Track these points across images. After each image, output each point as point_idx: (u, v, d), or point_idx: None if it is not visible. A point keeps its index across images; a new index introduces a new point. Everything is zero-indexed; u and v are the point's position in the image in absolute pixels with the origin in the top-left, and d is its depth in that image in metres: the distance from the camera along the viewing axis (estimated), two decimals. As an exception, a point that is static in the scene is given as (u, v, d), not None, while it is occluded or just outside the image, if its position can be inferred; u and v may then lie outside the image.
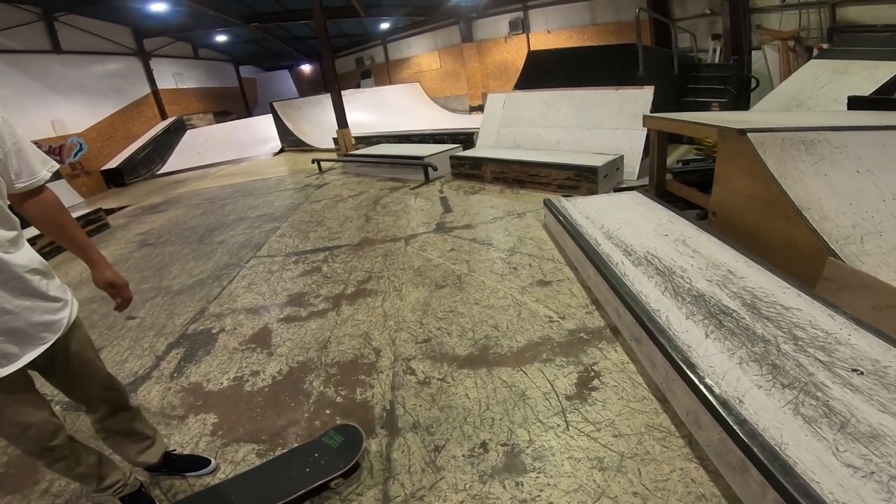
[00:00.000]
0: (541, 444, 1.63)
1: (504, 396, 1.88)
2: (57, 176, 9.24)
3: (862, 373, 1.48)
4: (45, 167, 1.32)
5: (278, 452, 1.75)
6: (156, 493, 1.67)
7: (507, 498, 1.45)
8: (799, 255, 2.22)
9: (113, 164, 10.72)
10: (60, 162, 9.63)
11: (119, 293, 1.50)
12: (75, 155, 10.02)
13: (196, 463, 1.73)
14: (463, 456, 1.63)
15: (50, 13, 9.82)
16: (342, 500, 1.52)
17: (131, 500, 1.56)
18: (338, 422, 1.86)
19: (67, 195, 9.11)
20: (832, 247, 2.08)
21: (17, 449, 1.35)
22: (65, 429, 1.36)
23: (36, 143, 9.05)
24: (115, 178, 10.49)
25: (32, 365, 1.24)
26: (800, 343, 1.63)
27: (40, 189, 1.33)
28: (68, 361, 1.35)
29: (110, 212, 7.04)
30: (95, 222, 5.92)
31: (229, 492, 1.57)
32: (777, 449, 1.24)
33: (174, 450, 1.76)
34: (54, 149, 9.56)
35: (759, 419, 1.34)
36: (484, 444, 1.66)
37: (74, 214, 5.66)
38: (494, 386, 1.95)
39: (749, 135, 2.54)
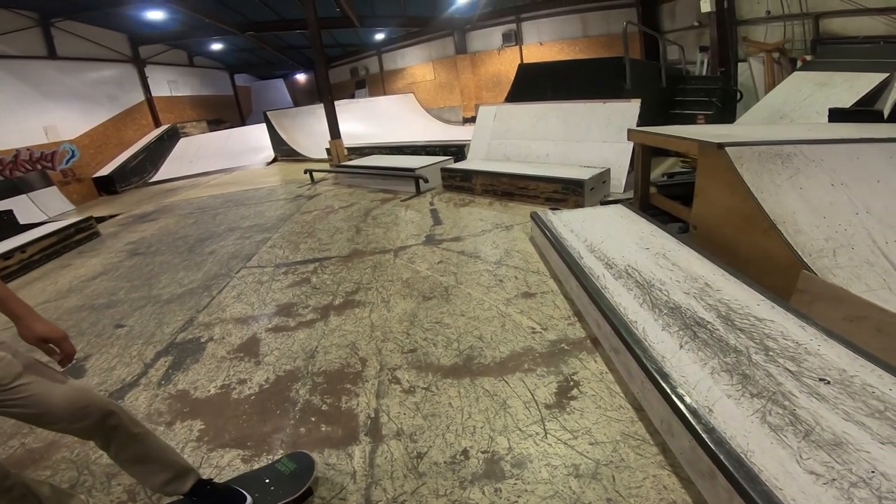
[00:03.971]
0: (520, 452, 1.66)
1: (486, 405, 1.92)
2: (48, 183, 9.22)
3: (829, 382, 1.53)
4: None
5: (263, 459, 1.78)
6: None
7: (485, 503, 1.48)
8: (774, 267, 2.29)
9: (105, 171, 10.70)
10: (52, 169, 9.61)
11: (58, 346, 1.30)
12: (67, 162, 10.00)
13: (233, 499, 1.51)
14: (444, 463, 1.66)
15: (47, 19, 9.86)
16: (324, 506, 1.55)
17: None
18: (323, 429, 1.89)
19: (58, 203, 9.08)
20: (805, 260, 2.15)
21: None
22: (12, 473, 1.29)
23: (28, 149, 9.11)
24: (107, 186, 10.47)
25: None
26: (770, 353, 1.69)
27: None
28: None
29: (101, 220, 7.03)
30: (86, 230, 5.91)
31: None
32: (743, 456, 1.28)
33: (211, 479, 1.55)
34: (46, 155, 9.55)
35: (728, 427, 1.38)
36: (465, 452, 1.69)
37: (65, 222, 5.69)
38: (477, 395, 1.99)
39: (727, 148, 2.61)
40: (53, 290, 4.15)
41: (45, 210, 8.53)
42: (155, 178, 11.52)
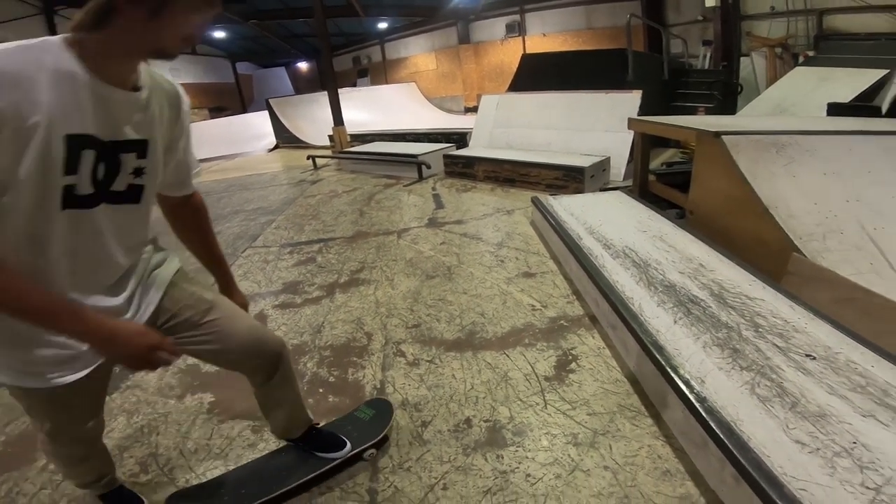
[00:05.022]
0: (521, 421, 1.74)
1: (488, 377, 2.00)
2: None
3: (814, 358, 1.61)
4: (197, 165, 1.21)
5: (261, 436, 1.81)
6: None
7: (488, 469, 1.55)
8: (767, 250, 2.36)
9: (107, 156, 10.71)
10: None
11: None
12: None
13: (334, 444, 1.59)
14: (448, 431, 1.73)
15: (50, 6, 9.80)
16: (333, 471, 1.62)
17: (114, 497, 1.44)
18: (330, 400, 1.96)
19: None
20: (796, 243, 2.22)
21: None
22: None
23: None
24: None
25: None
26: (760, 330, 1.76)
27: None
28: None
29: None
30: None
31: (273, 463, 1.61)
32: (733, 425, 1.35)
33: (318, 423, 1.63)
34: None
35: (718, 398, 1.46)
36: (468, 420, 1.77)
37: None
38: (479, 367, 2.07)
39: (724, 137, 2.68)
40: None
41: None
42: (158, 164, 11.53)
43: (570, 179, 4.48)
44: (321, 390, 2.05)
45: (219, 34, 14.97)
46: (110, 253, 0.99)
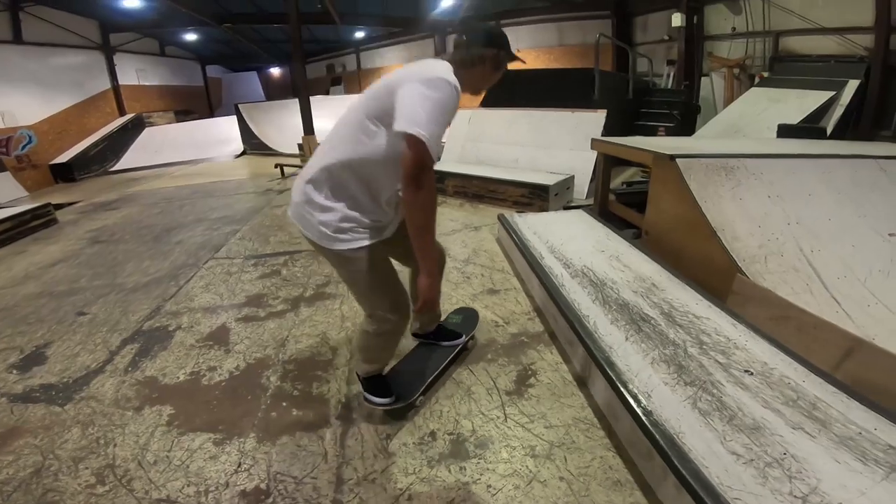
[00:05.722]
0: (482, 434, 1.80)
1: (452, 391, 2.05)
2: (1, 168, 8.79)
3: (752, 373, 1.74)
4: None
5: (235, 442, 1.84)
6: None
7: (451, 480, 1.60)
8: (715, 271, 2.52)
9: (63, 158, 10.24)
10: (6, 154, 9.17)
11: (423, 305, 1.59)
12: (23, 148, 9.55)
13: (453, 335, 2.24)
14: (413, 444, 1.78)
15: (17, 3, 9.39)
16: (297, 483, 1.63)
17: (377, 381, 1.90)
18: (294, 413, 1.97)
19: (11, 189, 8.67)
20: (740, 265, 2.39)
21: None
22: None
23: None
24: (65, 173, 10.03)
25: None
26: (704, 347, 1.88)
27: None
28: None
29: (59, 207, 6.76)
30: (43, 217, 5.69)
31: (419, 358, 2.15)
32: (675, 437, 1.45)
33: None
34: (1, 140, 9.11)
35: (663, 412, 1.56)
36: (433, 433, 1.82)
37: (21, 208, 5.47)
38: (444, 382, 2.12)
39: (678, 160, 2.84)
40: (8, 276, 4.00)
41: (-5, 195, 8.14)
42: (116, 167, 11.11)
43: (536, 197, 4.61)
44: (284, 404, 2.05)
45: (190, 36, 14.63)
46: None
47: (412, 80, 1.36)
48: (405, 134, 1.28)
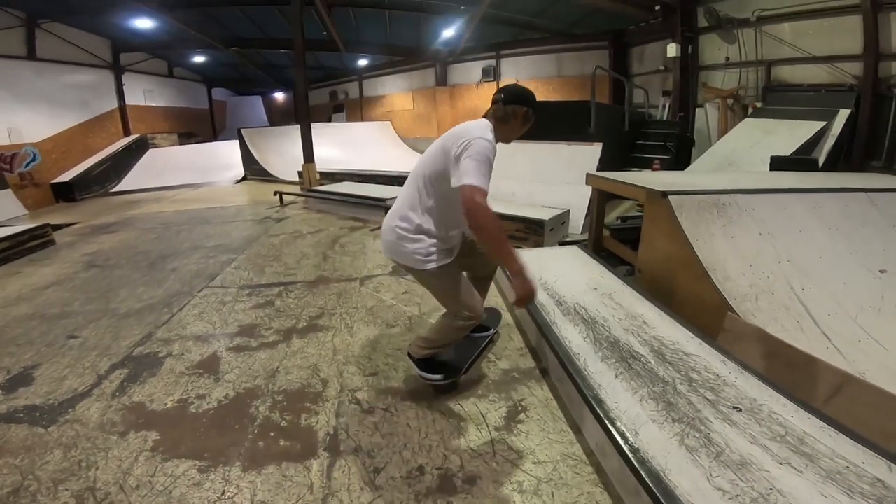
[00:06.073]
0: (471, 469, 1.79)
1: (442, 426, 2.04)
2: (3, 185, 8.85)
3: (741, 410, 1.74)
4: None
5: (220, 470, 1.82)
6: None
7: (438, 516, 1.58)
8: (706, 309, 2.54)
9: (65, 177, 10.31)
10: (10, 171, 9.23)
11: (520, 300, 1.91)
12: (27, 165, 9.61)
13: (485, 328, 2.66)
14: (401, 477, 1.76)
15: (34, 19, 9.58)
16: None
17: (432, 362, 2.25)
18: (281, 444, 1.96)
19: (11, 206, 8.71)
20: (731, 304, 2.41)
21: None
22: None
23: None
24: (66, 193, 10.09)
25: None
26: (693, 384, 1.89)
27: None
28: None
29: (57, 228, 6.78)
30: (40, 238, 5.71)
31: (454, 351, 2.36)
32: (662, 474, 1.45)
33: None
34: (5, 157, 9.17)
35: (650, 448, 1.56)
36: (421, 468, 1.80)
37: (19, 228, 5.49)
38: (434, 417, 2.11)
39: (670, 197, 2.87)
40: (0, 296, 4.00)
41: (-6, 213, 8.17)
42: (117, 189, 11.18)
43: (531, 232, 4.62)
44: (272, 434, 2.04)
45: (198, 59, 14.96)
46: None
47: (458, 143, 1.84)
48: (460, 187, 1.76)
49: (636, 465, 1.49)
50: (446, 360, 2.31)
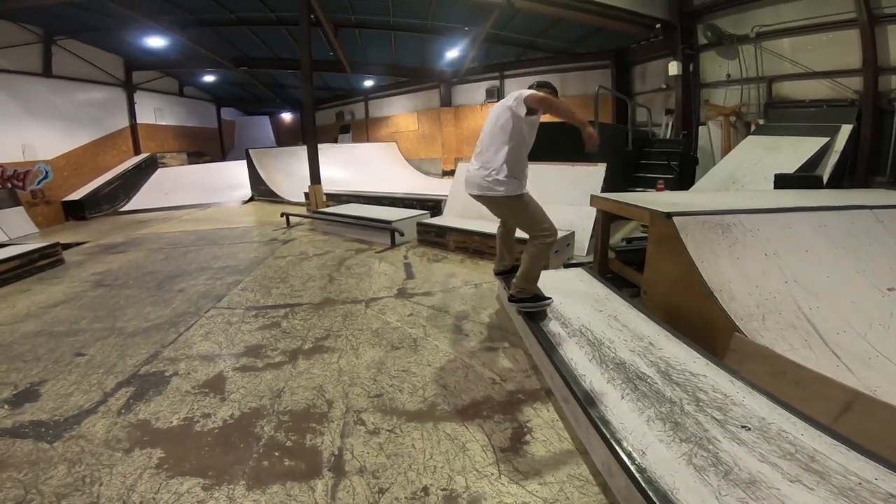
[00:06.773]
0: (475, 490, 1.77)
1: (447, 448, 2.03)
2: (16, 203, 8.99)
3: (749, 429, 1.72)
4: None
5: (224, 488, 1.82)
6: None
7: (442, 537, 1.57)
8: (712, 330, 2.53)
9: (76, 195, 10.46)
10: (22, 188, 9.37)
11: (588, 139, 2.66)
12: (39, 183, 9.74)
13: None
14: (405, 498, 1.75)
15: (50, 36, 9.80)
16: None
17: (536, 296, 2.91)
18: (286, 463, 1.95)
19: (23, 224, 8.83)
20: (738, 324, 2.40)
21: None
22: None
23: (1, 166, 8.85)
24: (76, 211, 10.22)
25: None
26: (701, 404, 1.88)
27: None
28: None
29: (67, 247, 6.87)
30: (50, 257, 5.78)
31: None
32: (669, 494, 1.44)
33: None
34: (19, 174, 9.31)
35: (658, 468, 1.54)
36: (425, 489, 1.79)
37: (30, 246, 5.57)
38: (439, 438, 2.10)
39: (674, 218, 2.87)
40: (10, 313, 4.03)
41: (6, 231, 8.26)
42: (126, 208, 11.32)
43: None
44: (277, 453, 2.03)
45: (208, 78, 15.25)
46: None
47: (513, 97, 2.70)
48: (525, 98, 2.61)
49: (643, 484, 1.48)
50: (537, 293, 2.89)
